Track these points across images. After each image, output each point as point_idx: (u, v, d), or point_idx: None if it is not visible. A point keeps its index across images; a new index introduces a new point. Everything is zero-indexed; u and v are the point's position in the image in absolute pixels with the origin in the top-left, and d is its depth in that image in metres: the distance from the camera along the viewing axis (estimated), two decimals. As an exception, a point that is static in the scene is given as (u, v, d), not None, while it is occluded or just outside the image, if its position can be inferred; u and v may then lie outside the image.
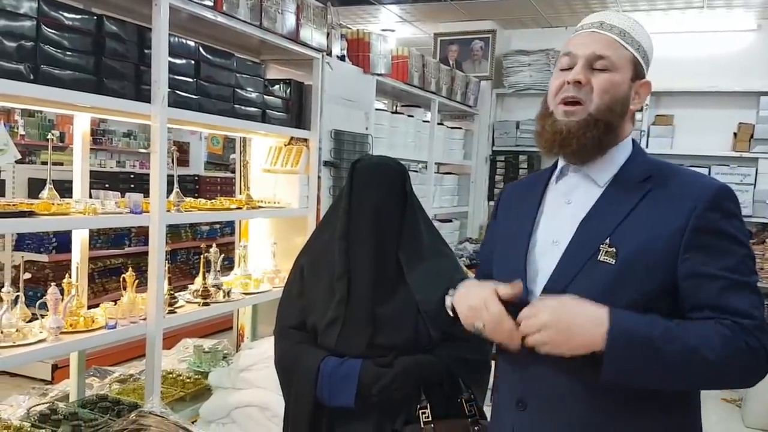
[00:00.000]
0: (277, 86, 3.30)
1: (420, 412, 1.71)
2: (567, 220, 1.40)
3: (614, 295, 1.27)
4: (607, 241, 1.31)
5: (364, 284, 1.77)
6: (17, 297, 2.31)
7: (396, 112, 4.79)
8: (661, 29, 5.57)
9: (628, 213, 1.32)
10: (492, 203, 6.13)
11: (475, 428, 1.69)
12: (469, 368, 1.77)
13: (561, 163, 1.47)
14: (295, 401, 1.81)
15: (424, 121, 4.99)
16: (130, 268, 2.67)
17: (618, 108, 1.37)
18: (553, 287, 1.34)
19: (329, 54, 3.47)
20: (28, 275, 4.21)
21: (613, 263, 1.30)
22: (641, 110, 5.52)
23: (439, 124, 5.25)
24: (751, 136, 5.24)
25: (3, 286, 2.26)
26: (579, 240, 1.36)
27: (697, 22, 5.50)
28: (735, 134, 5.34)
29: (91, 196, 2.75)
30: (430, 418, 1.71)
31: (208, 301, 2.89)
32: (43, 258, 4.56)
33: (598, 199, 1.38)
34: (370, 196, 1.81)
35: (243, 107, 2.98)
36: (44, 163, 6.59)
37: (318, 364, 1.74)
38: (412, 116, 4.79)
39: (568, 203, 1.42)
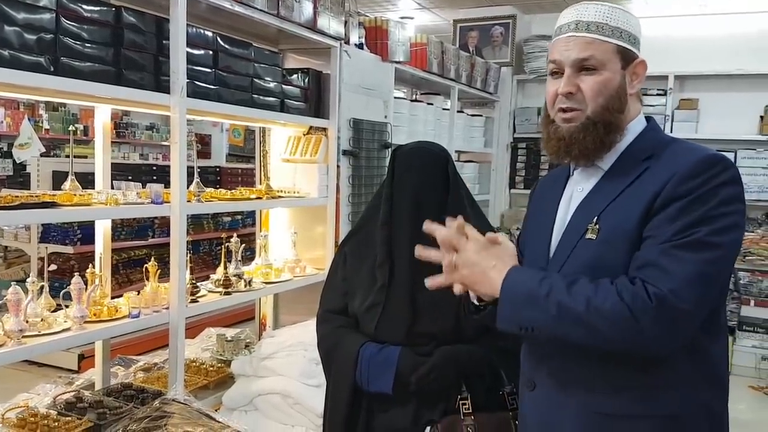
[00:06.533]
0: (295, 75, 3.30)
1: (460, 402, 1.69)
2: (576, 205, 1.46)
3: (598, 269, 1.32)
4: (595, 219, 1.36)
5: (405, 270, 1.76)
6: (42, 287, 2.35)
7: (415, 100, 4.76)
8: (686, 11, 5.47)
9: (620, 192, 1.36)
10: (513, 191, 6.09)
11: (517, 422, 1.62)
12: (512, 361, 1.70)
13: None
14: (334, 384, 1.82)
15: (443, 109, 4.96)
16: (152, 258, 2.70)
17: (615, 104, 1.39)
18: (553, 267, 1.42)
19: (347, 42, 3.46)
20: (53, 266, 4.31)
21: (594, 239, 1.35)
22: (658, 92, 5.44)
23: (459, 111, 5.21)
24: (779, 120, 5.14)
25: (28, 277, 2.31)
26: (574, 222, 1.43)
27: (723, 4, 5.38)
28: (761, 117, 5.23)
29: (113, 188, 2.77)
30: (470, 410, 1.68)
31: (229, 290, 2.91)
32: (68, 250, 4.62)
33: (597, 182, 1.43)
34: (410, 182, 1.81)
35: (261, 97, 2.98)
36: (68, 156, 6.67)
37: (358, 348, 1.74)
38: (431, 104, 4.76)
39: (581, 191, 1.47)
